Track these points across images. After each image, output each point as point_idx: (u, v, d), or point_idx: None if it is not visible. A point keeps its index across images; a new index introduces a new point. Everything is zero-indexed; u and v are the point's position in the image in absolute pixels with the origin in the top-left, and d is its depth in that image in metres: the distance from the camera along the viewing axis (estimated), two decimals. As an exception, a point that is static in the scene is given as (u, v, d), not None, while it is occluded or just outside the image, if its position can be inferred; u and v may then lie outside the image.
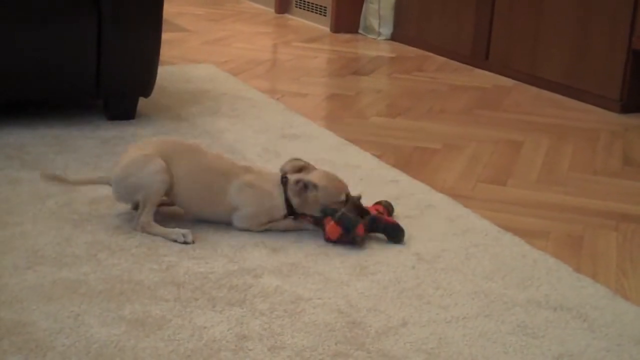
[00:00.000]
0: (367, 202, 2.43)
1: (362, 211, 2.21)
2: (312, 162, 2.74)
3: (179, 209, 2.26)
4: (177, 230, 2.12)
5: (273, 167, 2.68)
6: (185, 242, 2.10)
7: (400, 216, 2.34)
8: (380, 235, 2.19)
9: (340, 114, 3.45)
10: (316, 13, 5.55)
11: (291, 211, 2.20)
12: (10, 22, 2.77)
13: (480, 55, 4.44)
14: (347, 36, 5.22)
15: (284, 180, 2.20)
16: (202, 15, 5.77)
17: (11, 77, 2.85)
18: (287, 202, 2.19)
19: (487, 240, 2.22)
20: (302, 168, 2.25)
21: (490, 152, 3.03)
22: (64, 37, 2.85)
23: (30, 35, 2.80)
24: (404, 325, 1.77)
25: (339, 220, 2.13)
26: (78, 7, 2.86)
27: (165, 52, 4.24)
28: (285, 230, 2.20)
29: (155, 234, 2.13)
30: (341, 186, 2.22)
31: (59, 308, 1.75)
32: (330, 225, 2.14)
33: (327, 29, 5.37)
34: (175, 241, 2.10)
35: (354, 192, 2.53)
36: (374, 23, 5.15)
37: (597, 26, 3.73)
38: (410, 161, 2.88)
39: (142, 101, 3.19)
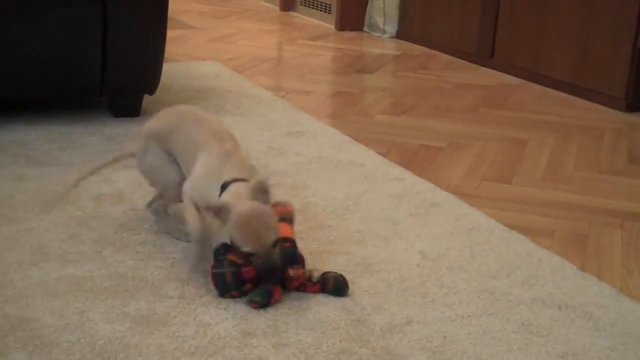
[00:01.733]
0: (371, 198, 2.43)
1: (273, 274, 1.78)
2: (316, 160, 2.75)
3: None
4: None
5: (277, 164, 2.69)
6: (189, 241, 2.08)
7: (404, 214, 2.34)
8: (379, 234, 2.19)
9: (345, 111, 3.45)
10: (321, 11, 5.55)
11: None
12: (14, 19, 2.77)
13: (485, 53, 4.43)
14: (352, 34, 5.22)
15: (224, 185, 1.87)
16: (207, 12, 5.77)
17: (16, 75, 2.85)
18: None
19: (491, 239, 2.22)
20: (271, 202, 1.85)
21: (495, 150, 3.03)
22: (69, 34, 2.85)
23: (35, 32, 2.80)
24: (409, 323, 1.77)
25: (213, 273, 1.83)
26: (83, 4, 2.86)
27: (170, 49, 4.25)
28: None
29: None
30: (255, 239, 1.76)
31: (64, 305, 1.76)
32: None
33: (332, 27, 5.37)
34: (179, 239, 2.10)
35: (357, 190, 2.52)
36: (379, 21, 5.15)
37: (602, 24, 3.72)
38: (415, 159, 2.87)
39: (146, 98, 3.19)
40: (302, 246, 2.10)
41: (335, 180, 2.58)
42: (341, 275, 1.88)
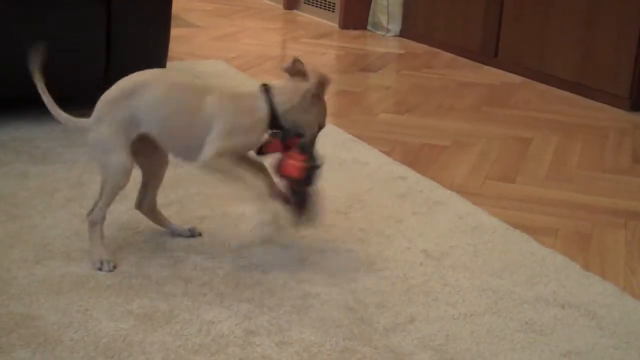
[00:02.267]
0: (375, 196, 2.43)
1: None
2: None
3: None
4: (99, 257, 1.94)
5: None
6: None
7: (408, 213, 2.34)
8: (382, 232, 2.19)
9: (349, 110, 3.45)
10: (325, 9, 5.55)
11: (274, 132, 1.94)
12: (18, 17, 2.77)
13: (489, 52, 4.43)
14: (356, 32, 5.22)
15: (266, 88, 1.95)
16: (211, 11, 5.77)
17: (19, 72, 2.85)
18: (272, 117, 1.93)
19: (495, 238, 2.21)
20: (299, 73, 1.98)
21: (499, 149, 3.03)
22: (73, 32, 2.85)
23: (40, 30, 2.80)
24: (412, 321, 1.77)
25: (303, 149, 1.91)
26: (87, 2, 2.86)
27: (174, 47, 4.25)
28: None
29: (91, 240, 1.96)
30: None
31: (68, 302, 1.76)
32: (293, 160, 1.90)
33: (335, 25, 5.37)
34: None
35: (360, 189, 2.53)
36: (383, 19, 5.15)
37: (607, 23, 3.72)
38: (418, 158, 2.87)
39: (150, 96, 3.19)
40: (305, 245, 2.10)
41: (338, 179, 2.58)
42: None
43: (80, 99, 3.27)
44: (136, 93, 1.93)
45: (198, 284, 1.87)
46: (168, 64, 3.12)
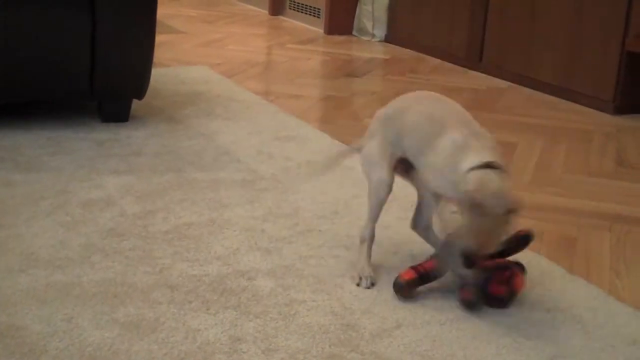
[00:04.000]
0: (361, 202, 2.43)
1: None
2: (305, 164, 2.75)
3: None
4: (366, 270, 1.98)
5: (267, 168, 2.69)
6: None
7: (394, 218, 2.34)
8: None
9: (334, 115, 3.45)
10: (310, 15, 5.55)
11: None
12: (2, 22, 2.76)
13: (474, 56, 4.44)
14: (341, 38, 5.22)
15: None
16: (196, 17, 5.77)
17: (4, 79, 2.84)
18: None
19: (481, 242, 2.22)
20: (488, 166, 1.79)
21: (484, 153, 3.03)
22: (57, 38, 2.85)
23: (24, 36, 2.79)
24: (398, 327, 1.77)
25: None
26: (72, 8, 2.85)
27: (159, 54, 4.24)
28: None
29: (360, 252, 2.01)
30: (480, 245, 1.79)
31: (53, 311, 1.75)
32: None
33: (320, 31, 5.37)
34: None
35: (347, 194, 2.53)
36: (368, 25, 5.16)
37: (591, 27, 3.74)
38: (404, 163, 2.87)
39: (135, 103, 3.18)
40: (291, 251, 2.10)
41: (324, 185, 2.58)
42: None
43: (65, 106, 3.27)
44: (399, 116, 1.95)
45: (184, 292, 1.87)
46: (153, 70, 3.12)
